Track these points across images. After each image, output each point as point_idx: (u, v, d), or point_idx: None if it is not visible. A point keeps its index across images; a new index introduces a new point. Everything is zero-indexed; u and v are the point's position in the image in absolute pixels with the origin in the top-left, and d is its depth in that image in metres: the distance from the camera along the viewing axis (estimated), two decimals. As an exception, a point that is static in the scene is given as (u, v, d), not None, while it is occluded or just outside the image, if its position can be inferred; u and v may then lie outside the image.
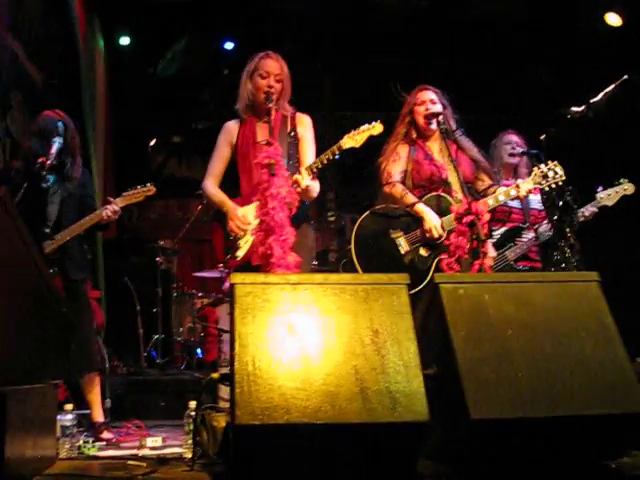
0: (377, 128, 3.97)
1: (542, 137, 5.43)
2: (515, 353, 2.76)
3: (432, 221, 4.18)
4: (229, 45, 9.47)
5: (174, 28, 9.12)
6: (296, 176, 3.88)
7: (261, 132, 4.16)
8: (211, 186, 4.27)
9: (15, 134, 6.11)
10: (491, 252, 4.43)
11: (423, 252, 4.22)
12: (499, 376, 2.70)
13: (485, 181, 4.47)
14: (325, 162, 3.91)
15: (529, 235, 4.91)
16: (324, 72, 9.85)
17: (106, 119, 8.81)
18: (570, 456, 2.81)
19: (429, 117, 4.36)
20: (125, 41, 9.39)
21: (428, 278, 4.03)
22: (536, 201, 5.05)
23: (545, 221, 4.93)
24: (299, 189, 3.87)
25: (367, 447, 2.60)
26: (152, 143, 10.74)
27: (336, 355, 2.61)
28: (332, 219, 9.27)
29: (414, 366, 2.63)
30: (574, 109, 9.21)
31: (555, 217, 4.66)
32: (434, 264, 4.16)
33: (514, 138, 5.21)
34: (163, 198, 10.17)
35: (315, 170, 3.93)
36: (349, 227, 9.76)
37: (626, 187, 4.91)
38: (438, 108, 4.39)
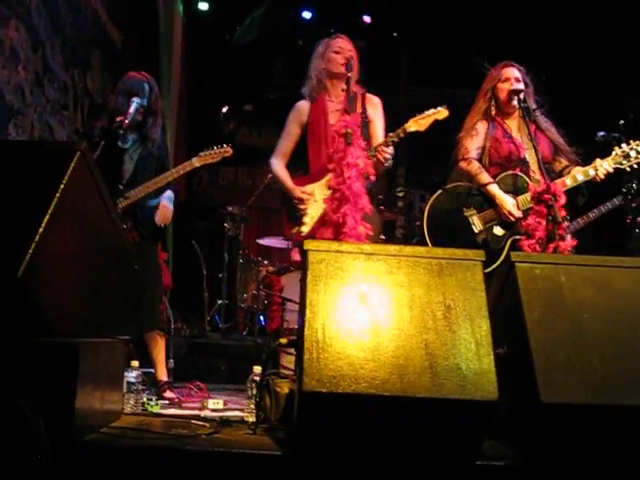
0: (442, 113, 3.96)
1: (621, 122, 5.27)
2: (590, 337, 2.69)
3: (507, 204, 4.11)
4: (307, 14, 9.43)
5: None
6: (380, 143, 3.95)
7: (332, 114, 4.22)
8: (276, 164, 4.40)
9: (94, 93, 6.20)
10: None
11: (497, 232, 4.16)
12: (572, 360, 2.64)
13: (563, 162, 4.36)
14: (390, 143, 3.95)
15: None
16: (402, 45, 9.73)
17: (181, 83, 8.87)
18: (641, 447, 2.74)
19: (511, 94, 4.26)
20: (204, 7, 9.44)
21: (502, 258, 3.97)
22: None
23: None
24: (384, 155, 3.92)
25: (433, 422, 2.57)
26: (224, 110, 10.80)
27: (407, 328, 2.57)
28: (401, 195, 9.22)
29: (485, 344, 2.58)
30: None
31: (634, 204, 4.55)
32: (508, 244, 4.10)
33: None
34: (233, 165, 10.27)
35: (391, 143, 3.95)
36: (417, 203, 9.71)
37: None
38: (521, 86, 4.29)
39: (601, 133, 4.95)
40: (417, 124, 3.94)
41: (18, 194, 2.62)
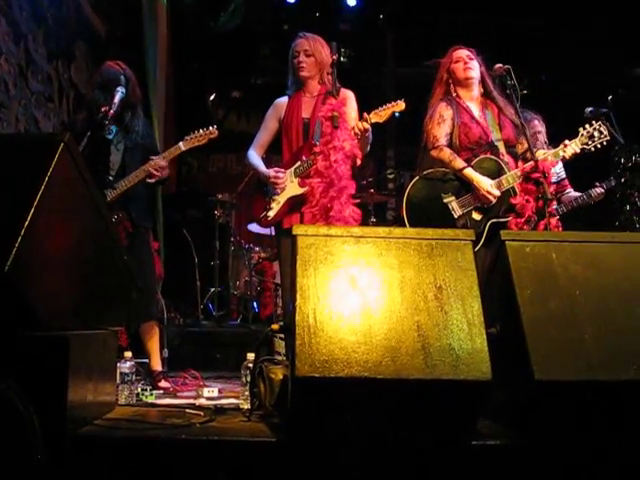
0: (400, 105, 4.15)
1: (609, 98, 5.27)
2: (582, 314, 2.68)
3: (485, 186, 4.09)
4: (291, -1, 9.37)
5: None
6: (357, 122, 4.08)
7: (305, 106, 4.40)
8: (251, 154, 4.59)
9: (79, 84, 6.16)
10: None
11: (476, 216, 4.16)
12: (565, 337, 2.63)
13: (524, 144, 4.31)
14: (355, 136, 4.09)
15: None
16: (388, 27, 9.67)
17: (167, 72, 8.81)
18: (636, 422, 2.74)
19: (506, 72, 4.20)
20: (187, -7, 9.36)
21: (482, 242, 3.99)
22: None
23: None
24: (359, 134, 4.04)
25: (427, 404, 2.56)
26: (212, 97, 10.75)
27: (398, 310, 2.56)
28: (391, 177, 9.20)
29: (477, 324, 2.57)
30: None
31: (622, 179, 4.55)
32: (487, 228, 4.10)
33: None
34: (222, 152, 10.24)
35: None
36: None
37: None
38: (475, 64, 4.33)
39: (589, 109, 4.94)
40: (377, 116, 4.13)
41: (2, 188, 2.60)
